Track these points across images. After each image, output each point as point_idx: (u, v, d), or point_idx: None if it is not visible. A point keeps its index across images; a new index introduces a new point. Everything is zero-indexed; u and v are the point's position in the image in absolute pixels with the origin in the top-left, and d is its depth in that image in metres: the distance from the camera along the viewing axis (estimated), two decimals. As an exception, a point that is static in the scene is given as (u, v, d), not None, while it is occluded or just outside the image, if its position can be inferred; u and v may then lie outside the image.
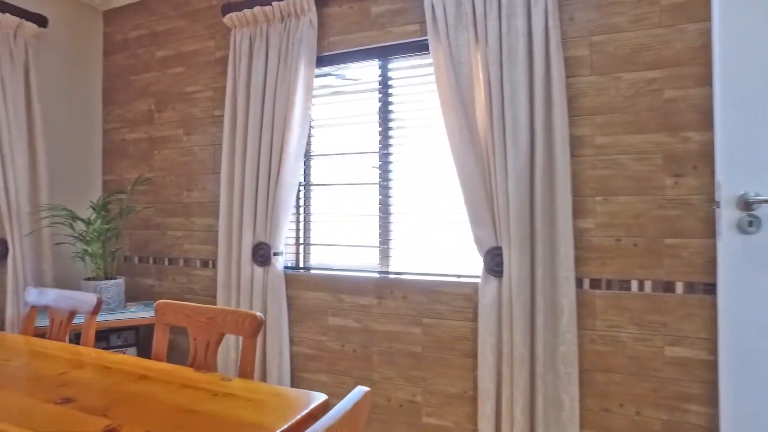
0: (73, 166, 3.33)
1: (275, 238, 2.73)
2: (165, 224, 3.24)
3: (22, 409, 1.10)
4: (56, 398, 1.17)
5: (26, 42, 2.97)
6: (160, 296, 3.25)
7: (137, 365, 1.43)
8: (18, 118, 2.91)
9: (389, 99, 2.65)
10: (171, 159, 3.22)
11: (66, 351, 1.58)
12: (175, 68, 3.20)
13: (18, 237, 2.89)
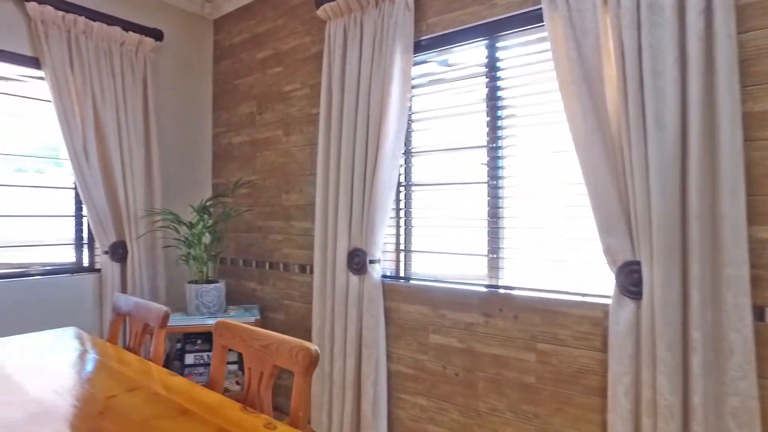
0: (185, 171, 3.44)
1: (371, 244, 2.50)
2: (266, 227, 3.20)
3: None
4: (86, 429, 1.05)
5: (145, 56, 3.11)
6: (262, 300, 3.22)
7: (186, 395, 1.28)
8: (136, 128, 3.05)
9: (498, 84, 2.27)
10: (271, 161, 3.16)
11: (130, 367, 1.49)
12: (274, 68, 3.14)
13: (135, 240, 3.02)
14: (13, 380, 1.35)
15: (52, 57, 2.73)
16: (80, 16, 2.81)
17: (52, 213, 2.95)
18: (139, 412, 1.15)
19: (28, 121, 2.85)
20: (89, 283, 2.97)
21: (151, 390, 1.29)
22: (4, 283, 2.67)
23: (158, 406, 1.18)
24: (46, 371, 1.43)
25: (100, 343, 1.77)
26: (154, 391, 1.29)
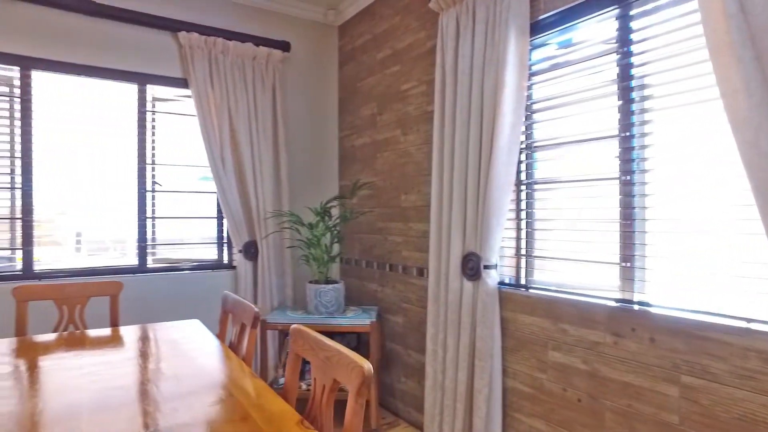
0: (312, 173, 3.59)
1: (486, 248, 2.30)
2: (386, 229, 3.18)
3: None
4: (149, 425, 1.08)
5: (274, 67, 3.32)
6: (382, 302, 3.20)
7: (254, 399, 1.26)
8: (266, 135, 3.26)
9: (631, 61, 1.91)
10: (390, 161, 3.13)
11: (219, 373, 1.55)
12: (393, 67, 3.10)
13: (265, 240, 3.23)
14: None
15: (197, 76, 3.04)
16: (218, 38, 3.10)
17: (200, 215, 3.30)
18: (204, 413, 1.16)
19: (184, 135, 3.22)
20: (227, 278, 3.25)
21: (229, 390, 1.32)
22: (161, 276, 3.06)
23: (224, 408, 1.19)
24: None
25: (210, 339, 1.89)
26: (229, 391, 1.31)
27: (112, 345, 1.82)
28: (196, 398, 1.26)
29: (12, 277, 2.69)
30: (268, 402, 1.25)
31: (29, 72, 2.76)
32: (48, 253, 2.91)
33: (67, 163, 2.91)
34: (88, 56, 2.85)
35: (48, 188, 2.86)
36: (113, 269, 2.97)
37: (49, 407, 1.19)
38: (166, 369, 1.51)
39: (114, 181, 3.03)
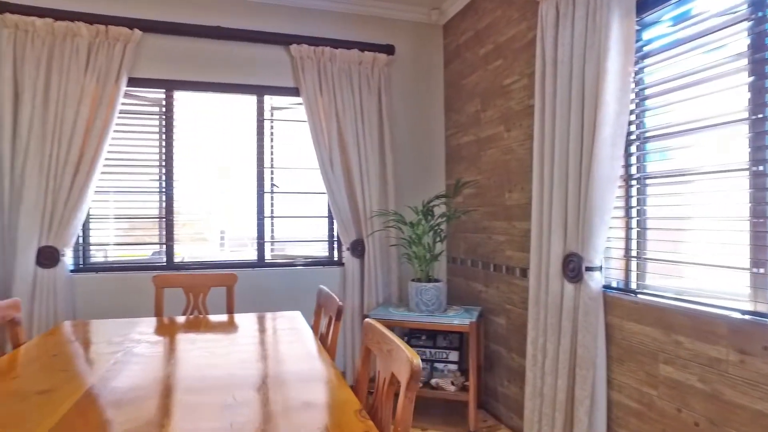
0: (419, 172, 3.63)
1: (588, 248, 2.14)
2: (490, 228, 3.10)
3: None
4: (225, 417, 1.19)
5: (379, 71, 3.43)
6: (486, 303, 3.13)
7: (322, 387, 1.32)
8: (372, 135, 3.38)
9: (767, 28, 1.63)
10: (494, 159, 3.05)
11: (302, 360, 1.65)
12: (495, 62, 3.01)
13: (371, 238, 3.35)
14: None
15: (306, 84, 3.27)
16: (326, 47, 3.29)
17: (313, 215, 3.53)
18: (264, 406, 1.26)
19: (300, 140, 3.48)
20: (336, 274, 3.44)
21: (301, 375, 1.41)
22: (277, 270, 3.34)
23: (283, 401, 1.27)
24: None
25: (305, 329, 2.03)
26: (302, 377, 1.40)
27: (222, 329, 2.04)
28: (270, 380, 1.37)
29: (158, 268, 3.15)
30: (336, 390, 1.31)
31: (172, 93, 3.21)
32: (198, 248, 3.35)
33: (205, 168, 3.32)
34: (215, 74, 3.22)
35: (198, 192, 3.29)
36: (237, 263, 3.32)
37: (178, 372, 1.39)
38: (259, 351, 1.66)
39: (242, 184, 3.38)
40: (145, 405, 1.20)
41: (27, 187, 2.78)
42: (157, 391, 1.30)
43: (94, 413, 1.16)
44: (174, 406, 1.21)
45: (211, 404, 1.21)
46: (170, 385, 1.34)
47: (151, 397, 1.25)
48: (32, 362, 1.58)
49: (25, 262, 2.77)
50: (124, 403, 1.22)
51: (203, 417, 1.13)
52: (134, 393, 1.28)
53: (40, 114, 2.82)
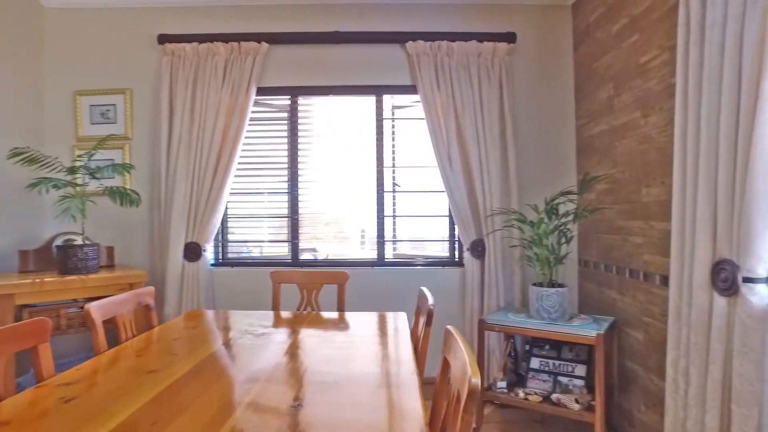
0: (546, 167, 3.35)
1: (747, 254, 1.74)
2: (625, 228, 2.72)
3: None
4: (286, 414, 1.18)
5: (500, 61, 3.23)
6: (620, 313, 2.75)
7: (394, 395, 1.24)
8: (492, 131, 3.20)
9: None
10: (629, 149, 2.66)
11: (386, 362, 1.59)
12: (630, 38, 2.62)
13: (491, 238, 3.18)
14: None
15: (423, 81, 3.21)
16: (443, 41, 3.20)
17: (434, 214, 3.46)
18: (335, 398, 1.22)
19: (421, 138, 3.44)
20: (455, 275, 3.33)
21: (377, 380, 1.35)
22: (396, 269, 3.35)
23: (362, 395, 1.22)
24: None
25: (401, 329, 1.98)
26: (377, 382, 1.34)
27: (323, 325, 2.09)
28: (343, 380, 1.34)
29: (284, 264, 3.37)
30: (406, 399, 1.23)
31: (296, 98, 3.41)
32: (340, 247, 3.48)
33: (334, 169, 3.46)
34: (335, 78, 3.34)
35: (329, 192, 3.44)
36: (358, 262, 3.40)
37: (256, 362, 1.46)
38: (348, 349, 1.65)
39: (364, 184, 3.46)
40: (221, 385, 1.26)
41: (176, 191, 3.18)
42: (235, 375, 1.36)
43: (185, 392, 1.24)
44: (238, 401, 1.24)
45: (270, 399, 1.22)
46: (249, 373, 1.40)
47: (225, 379, 1.31)
48: (155, 344, 1.77)
49: (175, 255, 3.18)
50: (211, 381, 1.30)
51: (256, 417, 1.15)
52: (221, 374, 1.36)
53: (187, 126, 3.21)
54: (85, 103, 3.34)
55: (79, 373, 1.47)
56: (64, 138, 3.36)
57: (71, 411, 1.18)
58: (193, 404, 1.22)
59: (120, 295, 1.91)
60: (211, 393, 1.29)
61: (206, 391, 1.31)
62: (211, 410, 1.18)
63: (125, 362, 1.57)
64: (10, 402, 1.24)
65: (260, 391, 1.31)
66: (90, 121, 3.35)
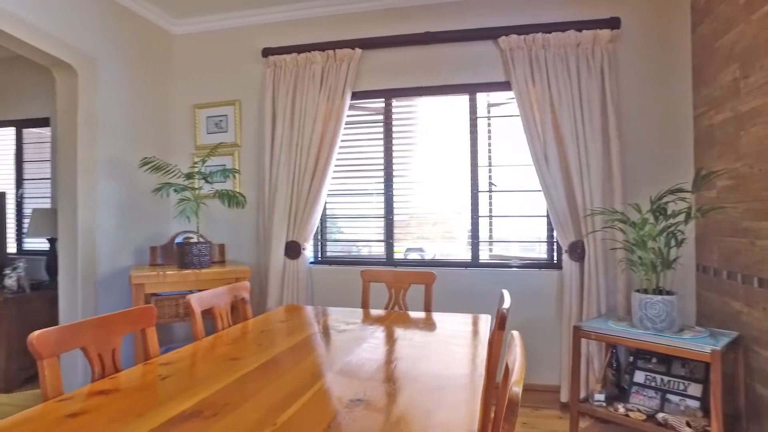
0: (657, 162, 3.03)
1: None
2: (754, 230, 2.37)
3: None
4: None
5: (602, 49, 3.00)
6: (747, 328, 2.40)
7: (427, 406, 1.20)
8: (593, 124, 2.98)
9: None
10: (758, 139, 2.32)
11: (453, 365, 1.54)
12: (762, 7, 2.28)
13: (592, 240, 2.96)
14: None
15: (517, 76, 3.09)
16: (537, 33, 3.05)
17: (531, 214, 3.32)
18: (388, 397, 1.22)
19: (516, 136, 3.33)
20: (552, 278, 3.15)
21: (441, 383, 1.32)
22: (490, 271, 3.26)
23: (418, 398, 1.21)
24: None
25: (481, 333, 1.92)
26: (440, 384, 1.32)
27: (406, 323, 2.10)
28: (401, 379, 1.33)
29: (379, 263, 3.45)
30: (463, 405, 1.20)
31: (390, 101, 3.47)
32: (448, 247, 3.47)
33: (431, 169, 3.48)
34: (427, 78, 3.35)
35: (439, 192, 3.47)
36: (451, 262, 3.37)
37: (320, 357, 1.53)
38: (421, 348, 1.64)
39: (459, 184, 3.42)
40: (293, 375, 1.33)
41: (278, 192, 3.41)
42: (307, 368, 1.43)
43: (259, 380, 1.34)
44: (302, 391, 1.30)
45: (330, 393, 1.26)
46: (318, 367, 1.45)
47: (298, 370, 1.38)
48: (244, 334, 1.92)
49: (277, 253, 3.41)
50: (285, 371, 1.38)
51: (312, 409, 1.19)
52: (295, 366, 1.43)
53: (287, 132, 3.43)
54: (202, 115, 3.73)
55: (178, 355, 1.64)
56: (186, 147, 3.78)
57: (163, 387, 1.33)
58: (263, 391, 1.30)
59: (218, 288, 2.10)
60: (281, 382, 1.37)
61: (278, 380, 1.39)
62: (276, 398, 1.25)
63: (216, 349, 1.73)
64: (124, 374, 1.43)
65: (325, 384, 1.36)
66: (206, 131, 3.73)
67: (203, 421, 1.12)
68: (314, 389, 1.32)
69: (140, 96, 3.47)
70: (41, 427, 1.10)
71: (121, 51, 3.29)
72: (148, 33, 3.55)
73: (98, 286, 3.09)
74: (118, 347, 1.53)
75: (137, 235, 3.43)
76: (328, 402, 1.23)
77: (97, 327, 1.47)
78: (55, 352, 1.33)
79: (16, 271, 3.58)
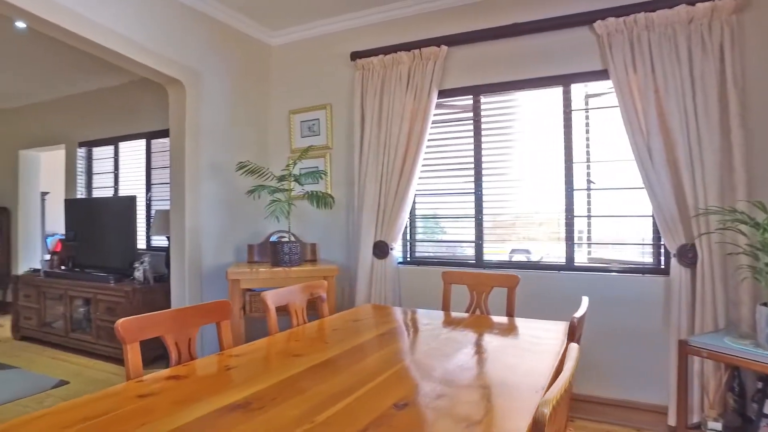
0: (793, 154, 2.58)
1: None
2: None
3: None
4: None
5: (722, 24, 2.63)
6: None
7: (497, 414, 1.10)
8: (708, 111, 2.63)
9: None
10: None
11: (515, 374, 1.42)
12: None
13: (705, 243, 2.61)
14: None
15: (615, 63, 2.82)
16: (639, 14, 2.75)
17: (633, 214, 3.01)
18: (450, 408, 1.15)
19: (616, 129, 3.04)
20: (658, 286, 2.82)
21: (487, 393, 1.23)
22: (586, 275, 3.01)
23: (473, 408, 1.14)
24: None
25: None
26: (487, 393, 1.22)
27: (480, 327, 2.01)
28: (459, 383, 1.26)
29: (468, 265, 3.36)
30: (509, 416, 1.10)
31: (479, 97, 3.36)
32: (557, 248, 3.25)
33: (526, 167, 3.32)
34: (517, 72, 3.19)
35: (545, 191, 3.31)
36: (544, 265, 3.17)
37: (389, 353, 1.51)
38: (485, 353, 1.55)
39: (551, 182, 3.21)
40: (346, 375, 1.33)
41: (367, 192, 3.47)
42: (362, 369, 1.42)
43: (311, 377, 1.36)
44: (347, 392, 1.29)
45: (374, 397, 1.23)
46: (373, 369, 1.44)
47: (353, 371, 1.38)
48: (315, 332, 1.98)
49: (365, 253, 3.46)
50: (340, 370, 1.39)
51: (355, 412, 1.17)
52: (351, 366, 1.44)
53: (375, 132, 3.48)
54: (297, 119, 3.92)
55: (248, 347, 1.74)
56: (282, 151, 4.00)
57: (227, 377, 1.41)
58: (313, 388, 1.32)
59: (293, 286, 2.19)
60: (334, 381, 1.39)
61: (331, 379, 1.40)
62: (322, 396, 1.26)
63: (283, 344, 1.80)
64: (199, 362, 1.55)
65: (375, 386, 1.35)
66: (300, 135, 3.92)
67: (247, 414, 1.16)
68: (363, 390, 1.31)
69: (240, 104, 3.75)
70: (116, 402, 1.22)
71: (223, 64, 3.58)
72: (248, 46, 3.82)
73: (203, 279, 3.39)
74: (193, 337, 1.65)
75: (238, 234, 3.71)
76: (373, 404, 1.21)
77: (174, 318, 1.61)
78: (136, 338, 1.47)
79: (142, 265, 4.06)
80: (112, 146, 5.16)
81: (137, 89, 4.93)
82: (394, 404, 1.21)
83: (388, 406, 1.20)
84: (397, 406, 1.20)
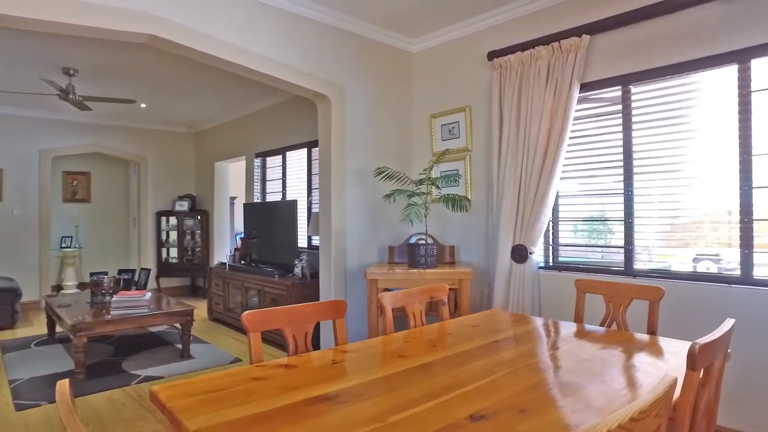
0: None
1: None
2: None
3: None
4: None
5: None
6: None
7: None
8: None
9: None
10: None
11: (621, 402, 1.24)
12: None
13: None
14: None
15: (810, 30, 2.28)
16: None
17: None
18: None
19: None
20: None
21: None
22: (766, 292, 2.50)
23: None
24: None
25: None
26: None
27: (609, 345, 1.81)
28: (555, 407, 1.16)
29: (614, 272, 3.03)
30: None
31: (628, 87, 3.02)
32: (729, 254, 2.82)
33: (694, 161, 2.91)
34: (673, 54, 2.78)
35: (720, 189, 2.95)
36: (711, 276, 2.71)
37: (512, 376, 1.48)
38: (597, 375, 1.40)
39: (723, 179, 2.73)
40: (435, 382, 1.33)
41: (505, 195, 3.37)
42: (454, 377, 1.40)
43: (402, 380, 1.40)
44: (424, 399, 1.28)
45: (444, 411, 1.21)
46: (462, 379, 1.40)
47: (444, 378, 1.37)
48: (427, 335, 2.00)
49: (503, 257, 3.36)
50: (433, 376, 1.40)
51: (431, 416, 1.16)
52: (443, 373, 1.43)
53: (513, 132, 3.36)
54: (437, 123, 3.98)
55: (361, 345, 1.85)
56: (424, 155, 4.10)
57: (330, 370, 1.54)
58: (400, 390, 1.36)
59: (412, 289, 2.24)
60: (424, 385, 1.41)
61: (424, 382, 1.43)
62: (405, 399, 1.29)
63: (394, 345, 1.86)
64: (313, 354, 1.71)
65: (459, 395, 1.33)
66: (441, 138, 3.97)
67: (330, 405, 1.25)
68: (446, 397, 1.31)
69: (383, 112, 3.95)
70: (234, 381, 1.42)
71: (366, 76, 3.82)
72: (389, 56, 4.00)
73: (348, 277, 3.66)
74: (310, 331, 1.82)
75: (382, 235, 3.91)
76: (450, 412, 1.21)
77: (292, 314, 1.79)
78: (258, 329, 1.68)
79: (301, 262, 4.54)
80: (281, 156, 5.86)
81: (299, 103, 5.52)
82: (471, 415, 1.19)
83: (464, 416, 1.19)
84: (472, 418, 1.17)
